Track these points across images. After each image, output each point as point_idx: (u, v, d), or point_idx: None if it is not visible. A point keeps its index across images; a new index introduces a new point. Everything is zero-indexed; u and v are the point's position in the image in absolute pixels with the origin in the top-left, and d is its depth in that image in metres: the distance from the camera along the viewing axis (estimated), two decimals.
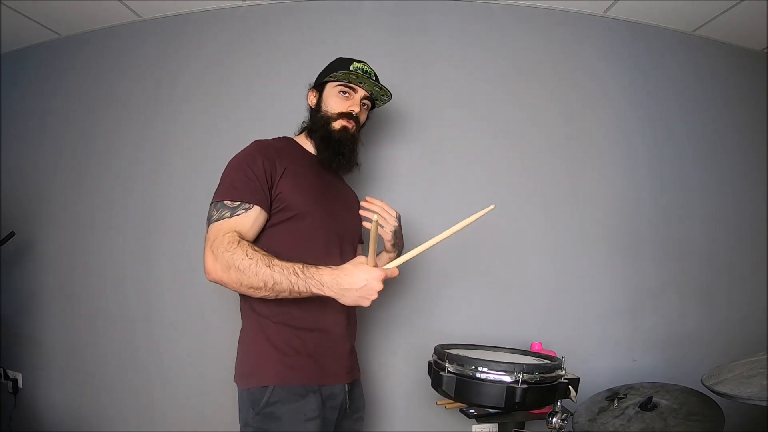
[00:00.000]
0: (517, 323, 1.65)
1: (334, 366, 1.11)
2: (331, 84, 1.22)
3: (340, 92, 1.21)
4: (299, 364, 1.06)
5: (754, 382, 1.05)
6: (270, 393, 1.01)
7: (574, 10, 1.80)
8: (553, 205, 1.72)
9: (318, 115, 1.22)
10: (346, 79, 1.20)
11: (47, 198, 1.86)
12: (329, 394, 1.09)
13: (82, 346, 1.74)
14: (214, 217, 1.02)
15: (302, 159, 1.19)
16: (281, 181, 1.08)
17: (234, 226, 1.01)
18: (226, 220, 1.01)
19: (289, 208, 1.08)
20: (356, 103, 1.22)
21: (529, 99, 1.76)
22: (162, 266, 1.70)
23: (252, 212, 1.04)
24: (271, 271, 0.94)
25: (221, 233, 0.99)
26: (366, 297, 0.96)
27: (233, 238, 0.98)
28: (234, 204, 1.03)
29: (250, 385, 1.04)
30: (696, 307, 1.76)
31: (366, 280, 0.94)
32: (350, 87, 1.21)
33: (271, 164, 1.08)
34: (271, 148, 1.13)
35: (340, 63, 1.24)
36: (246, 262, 0.95)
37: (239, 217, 1.02)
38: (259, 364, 1.06)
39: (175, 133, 1.75)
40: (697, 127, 1.85)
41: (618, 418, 1.29)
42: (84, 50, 1.89)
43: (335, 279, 0.95)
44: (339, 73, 1.18)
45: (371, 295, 0.96)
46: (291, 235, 1.09)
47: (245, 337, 1.12)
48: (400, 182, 1.68)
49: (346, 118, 1.20)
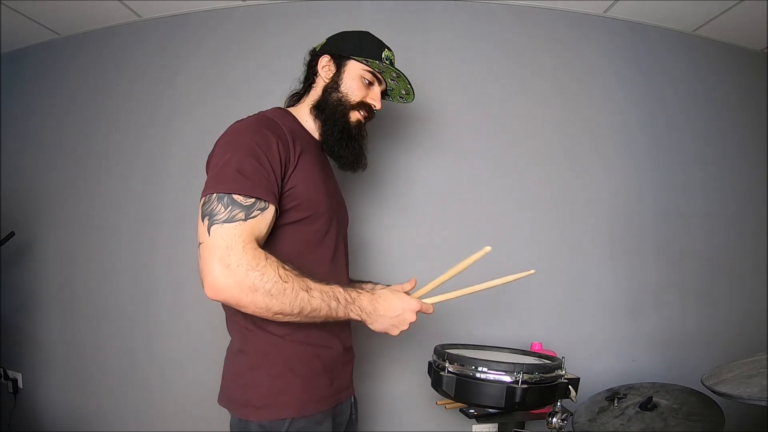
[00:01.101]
0: (517, 323, 1.65)
1: (345, 380, 1.05)
2: (357, 64, 1.04)
3: (364, 79, 1.05)
4: (319, 389, 0.95)
5: (754, 382, 1.05)
6: (288, 425, 0.88)
7: (574, 10, 1.79)
8: (553, 204, 1.72)
9: (334, 95, 1.03)
10: (381, 69, 1.04)
11: (47, 198, 1.86)
12: (339, 411, 1.02)
13: (82, 346, 1.74)
14: (221, 215, 0.80)
15: (308, 140, 1.01)
16: (295, 174, 0.90)
17: (251, 231, 0.81)
18: (240, 223, 0.80)
19: (302, 208, 0.92)
20: (378, 97, 1.07)
21: (530, 99, 1.76)
22: (162, 266, 1.70)
23: (268, 214, 0.84)
24: (309, 297, 0.81)
25: (238, 242, 0.79)
26: (397, 326, 0.92)
27: (256, 252, 0.80)
28: (248, 202, 0.81)
29: (263, 417, 0.88)
30: (696, 308, 1.76)
31: (402, 309, 0.91)
32: (377, 77, 1.07)
33: (286, 149, 0.89)
34: (281, 125, 0.93)
35: (371, 43, 1.06)
36: (280, 285, 0.79)
37: (255, 220, 0.82)
38: (275, 394, 0.90)
39: (175, 133, 1.75)
40: (698, 127, 1.85)
41: (618, 418, 1.29)
42: (84, 50, 1.89)
43: (373, 305, 0.90)
44: (374, 62, 1.03)
45: (402, 325, 0.92)
46: (300, 239, 0.94)
47: (251, 359, 0.92)
48: (399, 181, 1.67)
49: (367, 110, 1.05)
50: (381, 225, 1.65)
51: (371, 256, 1.62)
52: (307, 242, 0.95)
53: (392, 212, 1.66)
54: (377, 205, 1.65)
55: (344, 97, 1.03)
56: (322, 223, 0.97)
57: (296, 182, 0.90)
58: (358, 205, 1.61)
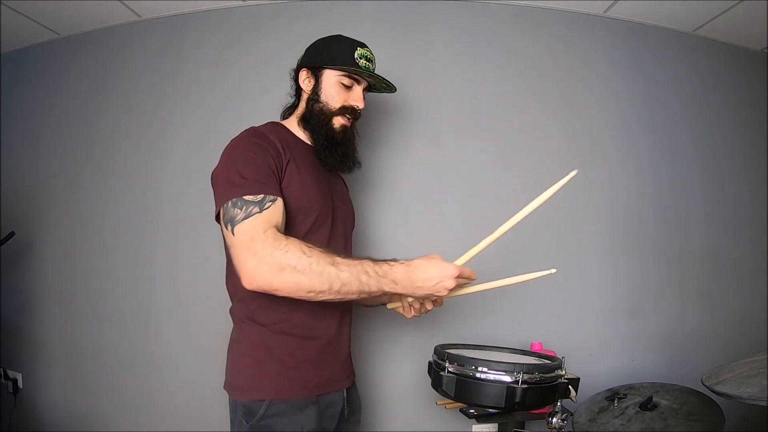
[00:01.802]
0: (517, 323, 1.65)
1: (334, 372, 1.07)
2: (332, 72, 1.08)
3: (342, 84, 1.08)
4: (300, 376, 1.00)
5: (754, 382, 1.05)
6: (267, 406, 0.95)
7: (574, 10, 1.79)
8: (554, 204, 1.71)
9: (316, 106, 1.09)
10: (352, 72, 1.07)
11: (47, 198, 1.85)
12: (328, 402, 1.05)
13: (82, 346, 1.74)
14: (239, 216, 0.86)
15: (299, 147, 1.08)
16: (285, 178, 0.98)
17: (269, 219, 0.87)
18: (257, 216, 0.86)
19: (292, 206, 0.98)
20: (360, 98, 1.10)
21: (530, 99, 1.76)
22: (162, 265, 1.70)
23: (278, 204, 0.91)
24: (337, 270, 0.84)
25: (258, 230, 0.84)
26: (437, 293, 0.93)
27: (276, 234, 0.85)
28: (257, 198, 0.88)
29: (245, 398, 0.97)
30: (696, 307, 1.76)
31: (440, 277, 0.91)
32: (355, 79, 1.10)
33: (276, 154, 0.97)
34: (269, 136, 1.00)
35: (342, 47, 1.09)
36: (305, 260, 0.82)
37: (269, 210, 0.88)
38: (256, 377, 0.98)
39: (175, 134, 1.74)
40: (698, 127, 1.85)
41: (618, 418, 1.29)
42: (84, 50, 1.89)
43: (408, 276, 0.90)
44: (344, 68, 1.06)
45: (442, 292, 0.92)
46: (291, 236, 0.96)
47: (242, 347, 1.03)
48: (399, 180, 1.67)
49: (350, 113, 1.09)
50: (382, 225, 1.65)
51: (369, 245, 1.62)
52: (301, 238, 0.98)
53: (392, 211, 1.66)
54: (378, 202, 1.66)
55: (325, 106, 1.09)
56: (314, 220, 1.03)
57: (287, 184, 0.98)
58: (363, 203, 1.61)
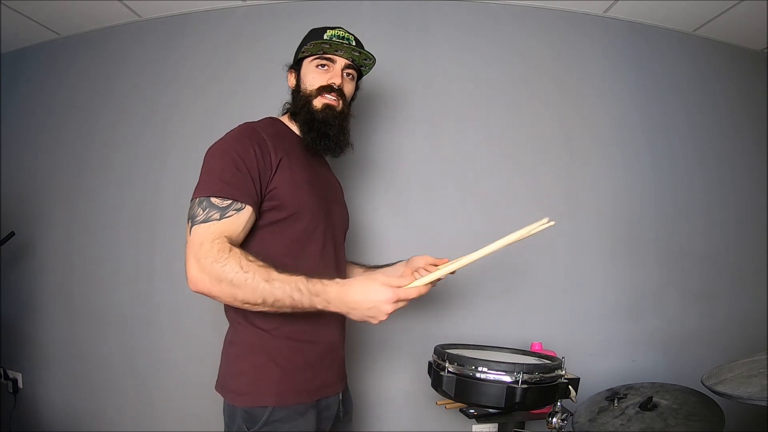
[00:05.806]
0: (517, 323, 1.65)
1: (331, 376, 1.07)
2: (307, 60, 1.09)
3: (317, 66, 1.08)
4: (300, 381, 0.99)
5: (754, 382, 1.05)
6: (269, 413, 0.94)
7: (574, 10, 1.79)
8: (553, 204, 1.72)
9: (298, 96, 1.10)
10: (319, 50, 1.07)
11: (47, 198, 1.86)
12: (325, 405, 1.05)
13: (82, 346, 1.74)
14: (200, 217, 0.90)
15: (293, 144, 1.08)
16: (277, 175, 0.97)
17: (223, 230, 0.89)
18: (215, 222, 0.89)
19: (284, 207, 0.98)
20: (337, 75, 1.09)
21: (530, 99, 1.76)
22: (162, 266, 1.70)
23: (243, 214, 0.92)
24: (271, 287, 0.85)
25: (208, 239, 0.88)
26: (373, 317, 0.89)
27: (223, 245, 0.87)
28: (224, 203, 0.90)
29: (245, 404, 0.96)
30: (696, 307, 1.76)
31: (373, 302, 0.87)
32: (327, 58, 1.08)
33: (265, 153, 0.97)
34: (262, 133, 1.00)
35: (314, 34, 1.11)
36: (240, 275, 0.84)
37: (229, 219, 0.90)
38: (257, 382, 0.97)
39: (175, 133, 1.75)
40: (698, 127, 1.85)
41: (618, 418, 1.29)
42: (84, 50, 1.89)
43: (341, 297, 0.88)
44: (310, 45, 1.05)
45: (379, 316, 0.89)
46: (286, 237, 0.99)
47: (239, 350, 1.00)
48: (400, 177, 1.68)
49: (327, 92, 1.07)
50: (383, 218, 1.65)
51: (368, 243, 1.62)
52: (295, 239, 1.00)
53: (393, 210, 1.66)
54: (378, 202, 1.66)
55: (305, 92, 1.09)
56: (308, 221, 1.02)
57: (277, 184, 0.97)
58: (359, 196, 1.62)
